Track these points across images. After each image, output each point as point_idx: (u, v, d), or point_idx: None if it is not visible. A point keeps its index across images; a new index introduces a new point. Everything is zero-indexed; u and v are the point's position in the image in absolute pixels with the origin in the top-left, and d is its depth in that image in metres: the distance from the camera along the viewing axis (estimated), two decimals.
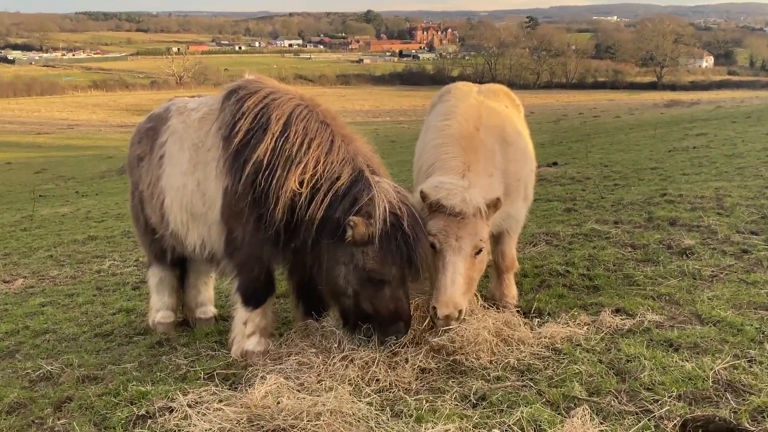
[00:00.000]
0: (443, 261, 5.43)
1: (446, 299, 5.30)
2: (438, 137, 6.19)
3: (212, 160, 5.83)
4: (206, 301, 7.46)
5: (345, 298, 5.24)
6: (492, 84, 7.61)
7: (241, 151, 5.45)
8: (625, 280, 7.22)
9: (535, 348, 5.46)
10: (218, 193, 5.74)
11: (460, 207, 5.38)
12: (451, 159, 5.88)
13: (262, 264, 5.74)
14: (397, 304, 5.14)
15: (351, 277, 5.13)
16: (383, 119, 69.23)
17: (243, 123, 5.49)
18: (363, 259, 5.04)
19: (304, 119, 5.46)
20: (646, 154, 19.38)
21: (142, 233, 7.09)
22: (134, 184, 7.00)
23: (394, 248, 4.98)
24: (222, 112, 5.81)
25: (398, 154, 28.94)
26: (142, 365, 6.11)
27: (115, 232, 14.74)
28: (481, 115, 6.35)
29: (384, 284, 5.08)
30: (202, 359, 5.99)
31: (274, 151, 5.32)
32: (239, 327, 5.94)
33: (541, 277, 7.69)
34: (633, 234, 9.05)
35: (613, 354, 5.26)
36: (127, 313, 8.15)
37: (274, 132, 5.37)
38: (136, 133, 7.03)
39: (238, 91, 5.81)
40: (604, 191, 13.07)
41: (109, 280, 10.10)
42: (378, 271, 5.04)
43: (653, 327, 5.75)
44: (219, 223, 5.82)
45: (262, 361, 5.49)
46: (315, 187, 5.21)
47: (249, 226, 5.45)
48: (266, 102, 5.59)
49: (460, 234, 5.43)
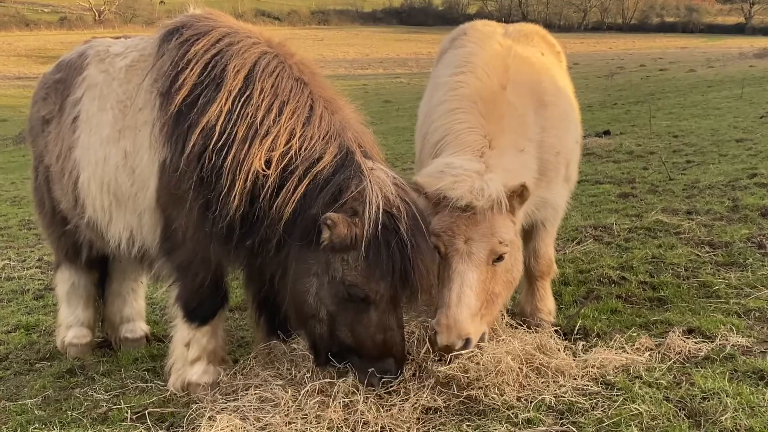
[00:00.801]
0: (449, 270, 5.45)
1: (448, 322, 5.30)
2: (449, 99, 6.18)
3: (145, 125, 5.78)
4: (135, 315, 7.46)
5: (315, 323, 5.19)
6: (523, 24, 7.61)
7: (184, 113, 5.40)
8: (701, 291, 7.25)
9: (579, 381, 5.46)
10: (153, 169, 5.70)
11: (467, 199, 5.36)
12: (467, 131, 5.87)
13: (210, 267, 5.71)
14: (387, 335, 5.09)
15: (324, 293, 5.08)
16: (374, 71, 69.15)
17: (188, 75, 5.43)
18: (342, 270, 4.98)
19: (273, 74, 5.40)
20: (729, 121, 19.44)
21: (49, 223, 7.08)
22: (38, 157, 6.98)
23: (384, 258, 4.91)
24: (159, 58, 5.75)
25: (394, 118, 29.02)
26: (47, 401, 6.08)
27: (10, 222, 14.69)
28: (509, 66, 6.33)
29: (369, 306, 5.03)
30: (128, 393, 5.97)
31: (230, 115, 5.25)
32: (180, 350, 5.94)
33: (588, 286, 7.72)
34: (712, 228, 9.08)
35: (684, 389, 5.27)
36: (26, 330, 8.12)
37: (231, 89, 5.31)
38: (40, 86, 7.00)
39: (181, 30, 5.74)
40: (674, 170, 13.10)
41: (2, 287, 10.07)
42: (360, 287, 4.96)
43: (738, 353, 5.76)
44: (153, 210, 5.80)
45: (211, 396, 5.48)
46: (287, 169, 5.15)
47: (193, 215, 5.40)
48: (220, 47, 5.52)
49: (471, 235, 5.44)
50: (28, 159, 7.15)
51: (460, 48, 6.79)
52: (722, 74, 40.72)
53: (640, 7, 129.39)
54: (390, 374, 5.13)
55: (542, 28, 7.57)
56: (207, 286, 5.78)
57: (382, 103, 40.62)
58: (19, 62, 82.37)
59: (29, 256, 11.74)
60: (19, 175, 22.16)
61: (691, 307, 6.86)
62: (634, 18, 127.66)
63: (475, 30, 7.11)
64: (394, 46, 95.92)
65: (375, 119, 28.94)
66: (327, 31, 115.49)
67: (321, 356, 5.31)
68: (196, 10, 6.07)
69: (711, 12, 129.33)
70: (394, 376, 5.16)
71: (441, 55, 7.33)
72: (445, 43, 7.40)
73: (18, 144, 32.49)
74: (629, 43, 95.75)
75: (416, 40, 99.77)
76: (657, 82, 40.71)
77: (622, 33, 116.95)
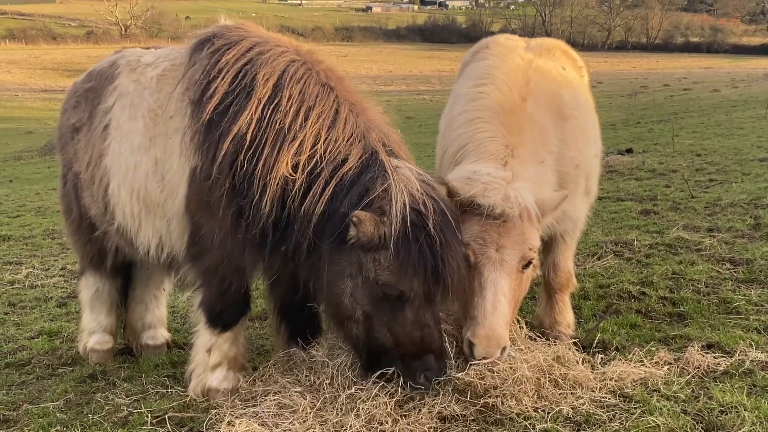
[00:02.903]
0: (481, 279, 5.46)
1: (486, 332, 5.31)
2: (470, 109, 6.23)
3: (175, 132, 5.85)
4: (156, 322, 7.54)
5: (353, 324, 5.23)
6: (546, 39, 7.66)
7: (216, 121, 5.46)
8: (721, 307, 7.25)
9: (597, 393, 5.47)
10: (183, 177, 5.76)
11: (501, 207, 5.39)
12: (489, 140, 5.90)
13: (238, 273, 5.77)
14: (424, 332, 5.12)
15: (359, 294, 5.12)
16: (397, 88, 69.42)
17: (219, 84, 5.49)
18: (374, 269, 5.03)
19: (301, 81, 5.45)
20: (753, 141, 19.36)
21: (76, 229, 7.18)
22: (67, 164, 7.07)
23: (415, 255, 4.94)
24: (190, 68, 5.81)
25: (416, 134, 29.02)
26: (68, 405, 6.15)
27: (35, 231, 14.83)
28: (530, 80, 6.38)
29: (404, 304, 5.08)
30: (149, 398, 6.03)
31: (260, 123, 5.31)
32: (201, 356, 6.00)
33: (608, 300, 7.73)
34: (733, 246, 9.06)
35: (702, 403, 5.27)
36: (49, 336, 8.21)
37: (261, 97, 5.37)
38: (70, 95, 7.10)
39: (212, 40, 5.80)
40: (696, 188, 13.08)
41: (26, 294, 10.18)
42: (393, 285, 5.01)
43: (757, 368, 5.77)
44: (182, 216, 5.86)
45: (230, 402, 5.54)
46: (313, 172, 5.20)
47: (226, 223, 5.45)
48: (250, 56, 5.57)
49: (503, 243, 5.46)
50: (53, 170, 7.25)
51: (482, 61, 6.85)
52: (746, 94, 40.52)
53: (665, 26, 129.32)
54: (431, 372, 5.14)
55: (564, 43, 7.61)
56: (231, 292, 5.83)
57: (404, 120, 40.62)
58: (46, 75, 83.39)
59: (53, 264, 11.85)
60: (43, 186, 22.38)
61: (711, 322, 6.86)
62: (659, 38, 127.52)
63: (497, 44, 7.16)
64: (417, 63, 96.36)
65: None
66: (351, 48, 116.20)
67: (362, 357, 5.35)
68: (227, 21, 6.12)
69: (736, 32, 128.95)
70: (436, 372, 5.16)
71: (463, 69, 7.39)
72: (467, 57, 7.46)
73: (43, 156, 32.81)
74: (653, 63, 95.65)
75: (439, 57, 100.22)
76: (681, 101, 40.58)
77: (646, 52, 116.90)
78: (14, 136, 44.06)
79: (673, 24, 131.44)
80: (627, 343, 6.49)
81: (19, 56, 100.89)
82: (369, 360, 5.29)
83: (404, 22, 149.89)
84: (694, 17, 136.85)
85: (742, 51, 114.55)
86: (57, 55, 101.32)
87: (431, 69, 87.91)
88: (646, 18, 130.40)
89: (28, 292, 10.32)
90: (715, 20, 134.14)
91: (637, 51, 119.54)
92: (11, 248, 13.39)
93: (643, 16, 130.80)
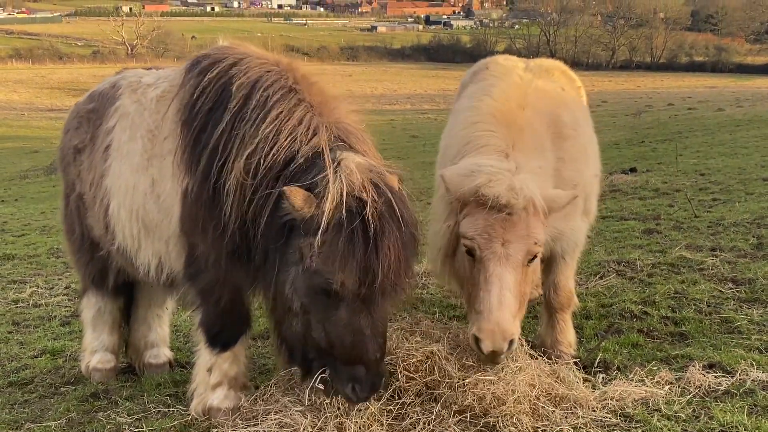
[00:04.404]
0: (486, 274, 5.45)
1: (492, 326, 5.30)
2: (471, 116, 6.30)
3: (169, 153, 5.88)
4: (159, 341, 7.55)
5: (292, 318, 5.16)
6: (544, 59, 7.74)
7: (199, 139, 5.50)
8: (723, 327, 7.25)
9: (597, 413, 5.49)
10: (176, 197, 5.79)
11: (506, 198, 5.36)
12: (489, 135, 5.94)
13: (231, 290, 5.78)
14: (356, 338, 4.92)
15: (299, 282, 5.01)
16: (402, 107, 69.58)
17: (204, 102, 5.54)
18: (309, 255, 4.88)
19: (269, 87, 5.42)
20: (757, 160, 19.36)
21: (77, 249, 7.21)
22: (70, 185, 7.12)
23: (346, 242, 4.76)
24: (182, 89, 5.86)
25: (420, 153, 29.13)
26: (71, 424, 6.17)
27: (39, 250, 14.88)
28: (527, 94, 6.45)
29: (339, 302, 4.92)
30: (151, 417, 6.05)
31: (230, 133, 5.34)
32: (202, 375, 6.02)
33: (610, 320, 7.74)
34: (736, 265, 9.06)
35: (702, 423, 5.29)
36: (52, 355, 8.23)
37: (233, 107, 5.39)
38: (73, 116, 7.15)
39: (202, 61, 5.86)
40: (699, 208, 13.08)
41: (29, 313, 10.20)
42: (321, 274, 4.82)
43: (758, 388, 5.77)
44: (178, 237, 5.89)
45: (232, 421, 5.56)
46: (259, 175, 5.15)
47: (208, 237, 5.46)
48: (232, 72, 5.59)
49: (508, 237, 5.46)
50: (58, 190, 7.29)
51: (481, 81, 6.92)
52: (751, 114, 40.52)
53: (669, 46, 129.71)
54: (359, 384, 4.98)
55: (563, 64, 7.69)
56: (229, 311, 5.86)
57: (409, 138, 40.82)
58: (52, 94, 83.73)
59: (57, 283, 11.88)
60: (48, 205, 22.45)
61: (713, 342, 6.86)
62: (663, 57, 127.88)
63: (497, 64, 7.23)
64: (422, 83, 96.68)
65: (402, 154, 29.11)
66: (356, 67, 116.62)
67: (295, 359, 5.32)
68: (224, 41, 6.19)
69: (740, 52, 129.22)
70: (365, 388, 5.01)
71: (462, 89, 7.45)
72: (466, 78, 7.54)
73: (49, 175, 32.92)
74: (657, 82, 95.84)
75: (443, 76, 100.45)
76: (685, 120, 40.59)
77: (650, 71, 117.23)
78: (20, 155, 44.26)
79: (678, 43, 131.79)
80: (628, 362, 6.50)
81: (26, 75, 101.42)
82: (304, 360, 5.26)
83: (409, 42, 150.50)
84: (699, 36, 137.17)
85: (747, 70, 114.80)
86: (63, 74, 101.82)
87: (436, 88, 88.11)
88: (651, 37, 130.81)
89: (32, 311, 10.35)
90: (719, 40, 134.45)
91: (642, 70, 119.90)
92: (15, 267, 13.42)
93: (648, 35, 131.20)
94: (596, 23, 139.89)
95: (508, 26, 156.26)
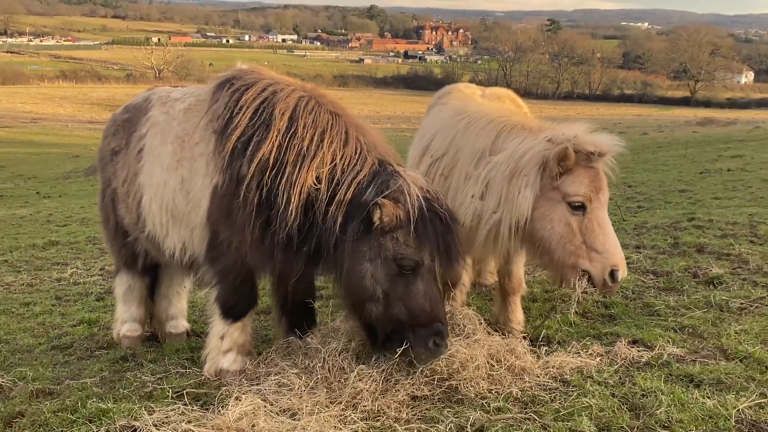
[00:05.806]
0: (599, 220, 5.59)
1: (622, 257, 5.50)
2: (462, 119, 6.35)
3: (200, 156, 5.90)
4: (178, 314, 7.53)
5: (373, 304, 5.20)
6: (497, 88, 7.84)
7: (239, 149, 5.51)
8: (645, 310, 7.28)
9: (541, 378, 5.49)
10: (206, 193, 5.81)
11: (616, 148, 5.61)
12: (513, 115, 6.11)
13: (245, 271, 5.82)
14: (432, 302, 5.16)
15: (380, 273, 5.14)
16: (384, 126, 69.17)
17: (241, 118, 5.55)
18: (392, 247, 5.08)
19: (312, 112, 5.55)
20: (674, 175, 19.55)
21: (112, 236, 7.17)
22: (106, 181, 7.08)
23: (429, 228, 5.06)
24: (214, 103, 5.87)
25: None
26: (103, 381, 6.15)
27: (79, 238, 14.79)
28: None
29: (416, 279, 5.12)
30: (170, 377, 6.02)
31: (280, 148, 5.40)
32: (215, 342, 6.00)
33: (552, 303, 7.76)
34: (656, 260, 9.12)
35: (627, 388, 5.30)
36: (89, 324, 8.20)
37: (279, 128, 5.45)
38: (110, 124, 7.12)
39: (232, 81, 5.87)
40: (627, 213, 13.16)
41: (70, 290, 10.14)
42: (410, 257, 5.06)
43: (673, 361, 5.79)
44: (204, 226, 5.90)
45: (238, 381, 5.53)
46: (335, 181, 5.29)
47: (251, 232, 5.48)
48: (266, 95, 5.64)
49: (602, 186, 5.66)
50: (96, 188, 7.25)
51: (446, 104, 7.00)
52: (670, 137, 40.88)
53: (604, 81, 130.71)
54: (440, 337, 5.15)
55: (512, 92, 7.80)
56: (242, 288, 5.88)
57: None
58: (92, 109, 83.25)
59: (93, 266, 11.82)
60: (87, 201, 22.30)
61: (636, 322, 6.89)
62: (599, 90, 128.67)
63: (458, 90, 7.37)
64: (401, 106, 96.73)
65: None
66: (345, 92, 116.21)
67: (379, 337, 5.32)
68: (243, 65, 6.19)
69: (663, 86, 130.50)
70: (445, 338, 5.20)
71: (429, 110, 7.54)
72: (434, 100, 7.61)
73: (87, 176, 32.72)
74: (594, 110, 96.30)
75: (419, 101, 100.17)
76: None
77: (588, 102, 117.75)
78: (64, 159, 43.95)
79: (611, 79, 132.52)
80: (567, 338, 6.51)
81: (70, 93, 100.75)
82: (385, 337, 5.28)
83: (390, 72, 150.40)
84: (629, 73, 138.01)
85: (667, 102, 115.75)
86: (101, 92, 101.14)
87: (412, 111, 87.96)
88: (589, 73, 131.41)
89: (72, 288, 10.30)
90: (645, 76, 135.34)
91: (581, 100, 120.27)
92: (59, 251, 13.37)
93: (586, 71, 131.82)
94: (545, 61, 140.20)
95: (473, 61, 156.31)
